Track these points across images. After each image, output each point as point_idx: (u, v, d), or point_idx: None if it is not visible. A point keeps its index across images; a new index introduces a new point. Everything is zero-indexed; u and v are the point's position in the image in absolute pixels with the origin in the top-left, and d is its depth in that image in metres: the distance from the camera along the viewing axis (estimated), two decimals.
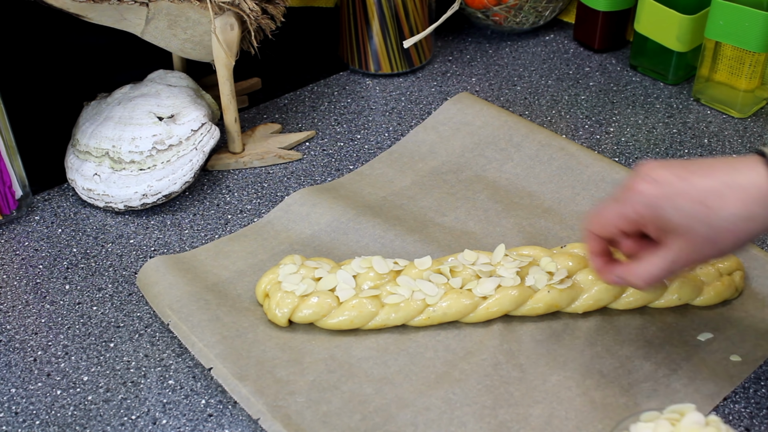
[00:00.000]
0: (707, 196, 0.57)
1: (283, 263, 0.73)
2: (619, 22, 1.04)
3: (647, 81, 1.01)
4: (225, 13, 0.82)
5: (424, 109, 0.97)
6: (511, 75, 1.03)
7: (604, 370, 0.67)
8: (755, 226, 0.56)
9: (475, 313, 0.70)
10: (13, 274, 0.77)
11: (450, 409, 0.64)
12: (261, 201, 0.85)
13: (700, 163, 0.58)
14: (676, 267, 0.60)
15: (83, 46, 1.06)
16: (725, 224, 0.56)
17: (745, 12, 0.87)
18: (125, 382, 0.68)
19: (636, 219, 0.60)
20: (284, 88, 1.01)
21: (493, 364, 0.67)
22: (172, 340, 0.71)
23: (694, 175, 0.57)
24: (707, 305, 0.72)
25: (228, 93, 0.86)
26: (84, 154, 0.83)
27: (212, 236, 0.81)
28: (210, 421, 0.65)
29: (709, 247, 0.58)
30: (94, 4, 0.77)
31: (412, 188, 0.85)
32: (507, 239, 0.78)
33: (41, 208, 0.85)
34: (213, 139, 0.84)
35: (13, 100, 0.82)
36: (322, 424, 0.63)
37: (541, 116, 0.96)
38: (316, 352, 0.69)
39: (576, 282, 0.71)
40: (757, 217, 0.56)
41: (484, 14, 1.05)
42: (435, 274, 0.71)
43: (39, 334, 0.72)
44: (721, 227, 0.57)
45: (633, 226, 0.61)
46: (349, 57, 1.02)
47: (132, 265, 0.78)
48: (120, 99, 0.85)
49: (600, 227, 0.63)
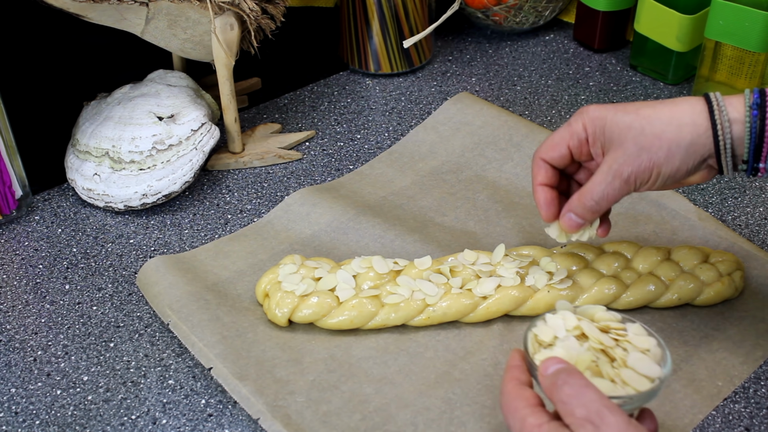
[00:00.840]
0: (641, 108, 0.61)
1: (283, 263, 0.73)
2: (619, 22, 1.04)
3: (647, 81, 1.01)
4: (225, 13, 0.82)
5: (424, 109, 0.97)
6: (511, 75, 1.03)
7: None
8: (682, 135, 0.59)
9: (475, 313, 0.70)
10: (13, 274, 0.78)
11: (450, 409, 0.64)
12: (261, 201, 0.85)
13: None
14: (617, 179, 0.62)
15: (83, 46, 1.06)
16: (655, 130, 0.60)
17: (745, 12, 0.87)
18: (125, 382, 0.68)
19: (582, 135, 0.63)
20: (284, 88, 1.01)
21: (493, 364, 0.67)
22: (172, 340, 0.71)
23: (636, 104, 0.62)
24: (707, 305, 0.72)
25: (228, 93, 0.86)
26: (84, 154, 0.83)
27: (212, 236, 0.81)
28: (210, 421, 0.65)
29: (642, 155, 0.61)
30: (94, 4, 0.77)
31: (412, 188, 0.85)
32: (507, 239, 0.78)
33: (41, 208, 0.85)
34: (213, 139, 0.84)
35: (13, 100, 0.82)
36: (322, 423, 0.63)
37: (541, 116, 0.96)
38: (316, 351, 0.69)
39: (576, 282, 0.71)
40: (684, 125, 0.59)
41: (484, 14, 1.05)
42: (435, 274, 0.71)
43: (39, 334, 0.72)
44: (651, 133, 0.60)
45: (580, 145, 0.64)
46: (349, 57, 1.02)
47: (132, 265, 0.78)
48: (120, 99, 0.85)
49: (550, 148, 0.66)
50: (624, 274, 0.72)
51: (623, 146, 0.61)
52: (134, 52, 0.98)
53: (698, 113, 0.59)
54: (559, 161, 0.66)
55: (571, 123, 0.64)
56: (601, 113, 0.62)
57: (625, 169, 0.61)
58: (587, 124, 0.63)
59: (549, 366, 0.53)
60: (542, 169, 0.66)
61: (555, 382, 0.51)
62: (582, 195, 0.64)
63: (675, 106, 0.60)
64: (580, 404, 0.49)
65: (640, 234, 0.79)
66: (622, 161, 0.61)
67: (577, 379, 0.51)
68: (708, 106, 0.59)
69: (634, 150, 0.61)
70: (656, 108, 0.61)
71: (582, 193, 0.64)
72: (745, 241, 0.77)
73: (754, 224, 0.81)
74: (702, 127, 0.59)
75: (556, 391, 0.51)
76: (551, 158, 0.65)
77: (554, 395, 0.51)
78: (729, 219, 0.81)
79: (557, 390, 0.51)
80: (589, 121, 0.63)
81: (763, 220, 0.81)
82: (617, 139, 0.61)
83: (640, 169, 0.61)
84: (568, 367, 0.52)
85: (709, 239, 0.78)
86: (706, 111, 0.59)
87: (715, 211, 0.82)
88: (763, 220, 0.81)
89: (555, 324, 0.57)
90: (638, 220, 0.80)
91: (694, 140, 0.59)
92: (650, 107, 0.61)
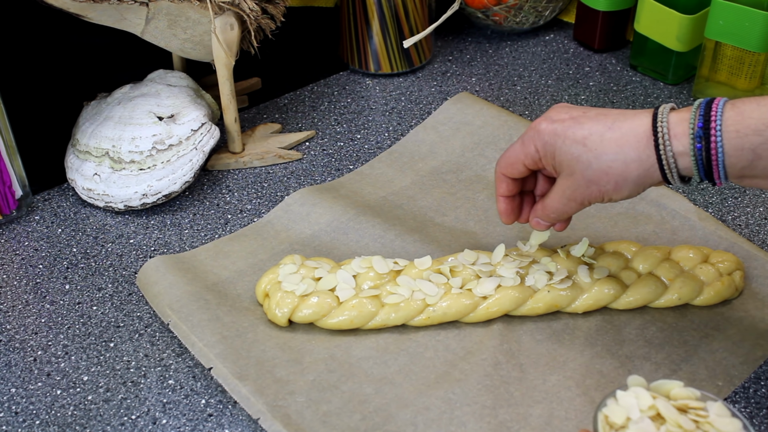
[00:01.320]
0: (588, 138, 0.60)
1: (283, 263, 0.73)
2: (619, 22, 1.04)
3: (647, 81, 1.01)
4: (225, 13, 0.82)
5: (424, 109, 0.97)
6: (511, 75, 1.03)
7: (604, 370, 0.67)
8: (629, 171, 0.59)
9: (475, 313, 0.70)
10: (13, 274, 0.78)
11: (450, 409, 0.64)
12: (261, 201, 0.85)
13: (602, 110, 0.62)
14: (572, 202, 0.63)
15: (83, 46, 1.06)
16: (602, 166, 0.60)
17: (745, 12, 0.87)
18: (125, 382, 0.68)
19: (536, 156, 0.64)
20: (284, 88, 1.01)
21: (493, 364, 0.67)
22: (172, 340, 0.71)
23: (586, 118, 0.61)
24: (707, 305, 0.72)
25: (228, 93, 0.86)
26: (84, 154, 0.83)
27: (212, 236, 0.81)
28: (210, 421, 0.65)
29: (591, 187, 0.61)
30: (94, 4, 0.77)
31: (412, 188, 0.85)
32: (507, 239, 0.78)
33: (41, 208, 0.85)
34: (213, 139, 0.84)
35: (13, 100, 0.82)
36: (322, 423, 0.63)
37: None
38: (316, 351, 0.69)
39: (576, 282, 0.71)
40: (631, 161, 0.59)
41: (484, 14, 1.05)
42: (435, 274, 0.71)
43: (39, 334, 0.72)
44: (599, 169, 0.60)
45: (534, 164, 0.65)
46: (349, 57, 1.02)
47: (132, 265, 0.78)
48: (120, 99, 0.85)
49: (507, 165, 0.67)
50: (624, 274, 0.72)
51: (573, 176, 0.62)
52: (134, 52, 0.98)
53: (644, 147, 0.59)
54: (518, 175, 0.67)
55: (525, 142, 0.64)
56: (551, 138, 0.62)
57: (578, 196, 0.63)
58: (539, 146, 0.63)
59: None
60: (503, 182, 0.68)
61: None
62: (545, 208, 0.66)
63: (621, 136, 0.59)
64: None
65: (640, 234, 0.79)
66: (574, 189, 0.62)
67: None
68: (654, 138, 0.58)
69: (583, 182, 0.61)
70: (603, 138, 0.60)
71: (545, 207, 0.66)
72: (745, 241, 0.77)
73: (754, 224, 0.81)
74: (648, 162, 0.59)
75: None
76: (510, 173, 0.67)
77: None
78: (729, 219, 0.81)
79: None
80: (540, 144, 0.63)
81: (763, 220, 0.81)
82: (567, 168, 0.62)
83: (591, 196, 0.62)
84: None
85: (709, 239, 0.78)
86: (651, 145, 0.58)
87: (715, 211, 0.82)
88: (763, 220, 0.81)
89: (627, 403, 0.54)
90: (638, 220, 0.80)
91: (641, 174, 0.59)
92: (598, 137, 0.60)
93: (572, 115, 0.62)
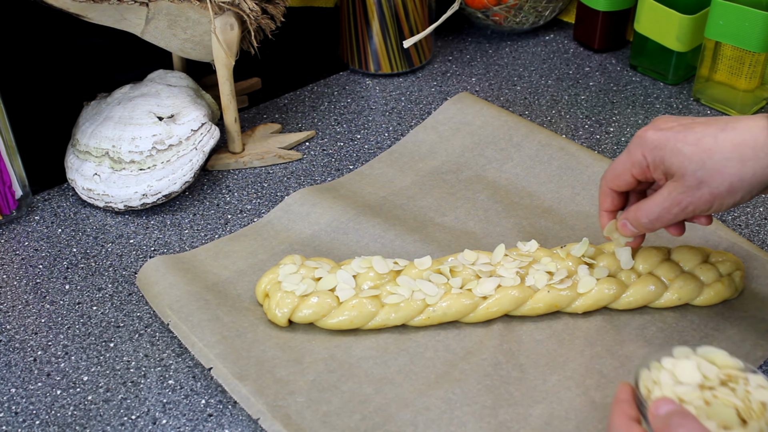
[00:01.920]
0: (701, 139, 0.59)
1: (283, 263, 0.73)
2: (619, 22, 1.04)
3: (647, 81, 1.01)
4: (225, 13, 0.82)
5: (424, 109, 0.97)
6: (511, 75, 1.03)
7: (604, 370, 0.67)
8: (745, 170, 0.58)
9: (475, 313, 0.70)
10: (13, 274, 0.78)
11: (450, 409, 0.64)
12: (261, 201, 0.85)
13: (709, 117, 0.61)
14: (675, 207, 0.61)
15: (83, 46, 1.06)
16: (716, 165, 0.58)
17: (745, 12, 0.87)
18: (125, 382, 0.68)
19: (643, 163, 0.63)
20: (284, 88, 1.01)
21: (493, 364, 0.67)
22: (172, 340, 0.71)
23: (696, 123, 0.60)
24: (707, 305, 0.72)
25: (228, 93, 0.86)
26: (84, 154, 0.83)
27: (212, 236, 0.81)
28: (210, 421, 0.65)
29: (702, 189, 0.60)
30: (94, 4, 0.77)
31: (412, 188, 0.85)
32: (507, 239, 0.78)
33: (41, 208, 0.85)
34: (213, 139, 0.84)
35: (13, 100, 0.82)
36: (322, 423, 0.63)
37: (541, 116, 0.96)
38: (316, 352, 0.69)
39: (576, 282, 0.71)
40: (747, 161, 0.58)
41: (484, 14, 1.05)
42: (435, 274, 0.71)
43: (39, 334, 0.72)
44: (712, 168, 0.59)
45: (642, 172, 0.63)
46: (349, 57, 1.02)
47: (132, 265, 0.78)
48: (120, 99, 0.85)
49: (614, 177, 0.66)
50: (624, 274, 0.72)
51: (684, 178, 0.60)
52: (134, 52, 0.98)
53: (762, 146, 0.57)
54: (625, 188, 0.66)
55: (631, 151, 0.63)
56: (660, 141, 0.61)
57: (684, 199, 0.61)
58: (646, 153, 0.62)
59: (661, 406, 0.53)
60: (608, 197, 0.67)
61: (668, 424, 0.51)
62: (638, 211, 0.64)
63: (737, 135, 0.58)
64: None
65: None
66: (683, 191, 0.60)
67: (692, 422, 0.50)
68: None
69: (693, 183, 0.60)
70: (717, 139, 0.59)
71: (639, 209, 0.64)
72: (745, 241, 0.77)
73: (754, 224, 0.81)
74: (764, 161, 0.57)
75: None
76: (617, 186, 0.66)
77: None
78: (729, 219, 0.81)
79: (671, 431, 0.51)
80: (648, 151, 0.62)
81: (763, 220, 0.81)
82: (677, 170, 0.60)
83: (700, 201, 0.60)
84: (681, 409, 0.52)
85: (709, 239, 0.78)
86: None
87: None
88: (763, 220, 0.81)
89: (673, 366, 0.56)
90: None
91: (757, 173, 0.58)
92: (711, 137, 0.59)
93: (681, 123, 0.61)
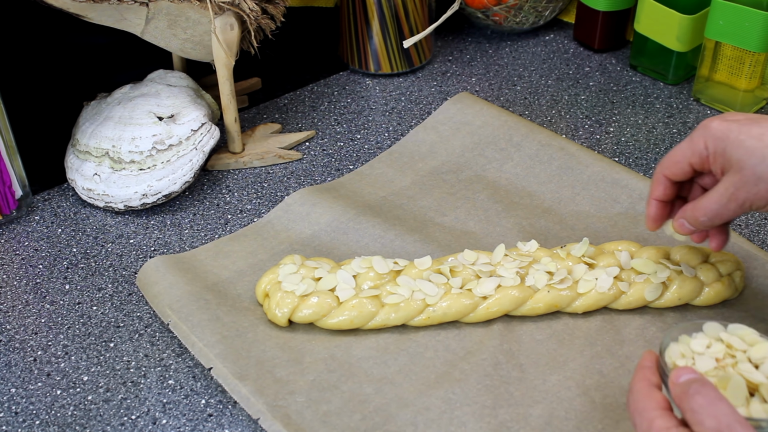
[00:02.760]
0: (766, 133, 0.59)
1: (283, 263, 0.73)
2: (619, 22, 1.04)
3: (647, 81, 1.01)
4: (225, 13, 0.82)
5: (424, 109, 0.97)
6: (511, 75, 1.03)
7: (604, 370, 0.67)
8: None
9: (475, 313, 0.70)
10: (13, 274, 0.78)
11: (450, 409, 0.64)
12: (261, 201, 0.85)
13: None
14: (732, 202, 0.61)
15: (83, 46, 1.06)
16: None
17: (745, 12, 0.87)
18: (125, 382, 0.68)
19: (704, 153, 0.62)
20: (284, 88, 1.01)
21: (493, 364, 0.67)
22: (172, 340, 0.71)
23: (764, 119, 0.60)
24: (707, 305, 0.72)
25: (228, 93, 0.86)
26: (84, 154, 0.83)
27: (212, 236, 0.81)
28: (210, 421, 0.65)
29: (760, 185, 0.59)
30: (94, 4, 0.77)
31: (412, 188, 0.85)
32: (507, 239, 0.78)
33: (41, 208, 0.85)
34: (213, 139, 0.84)
35: (13, 100, 0.82)
36: (322, 423, 0.63)
37: (541, 116, 0.96)
38: (316, 351, 0.69)
39: (576, 282, 0.71)
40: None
41: (484, 14, 1.05)
42: (435, 274, 0.71)
43: (39, 334, 0.72)
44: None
45: (702, 162, 0.63)
46: (349, 57, 1.02)
47: (132, 265, 0.78)
48: (120, 99, 0.85)
49: (672, 164, 0.65)
50: (624, 273, 0.72)
51: (742, 172, 0.60)
52: (134, 52, 0.98)
53: None
54: (681, 176, 0.65)
55: (693, 139, 0.63)
56: (724, 132, 0.61)
57: (741, 195, 0.61)
58: (708, 142, 0.62)
59: (681, 374, 0.53)
60: (661, 185, 0.66)
61: (687, 391, 0.51)
62: (696, 209, 0.64)
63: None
64: (711, 415, 0.49)
65: (640, 234, 0.79)
66: (740, 186, 0.60)
67: (710, 390, 0.51)
68: None
69: (752, 178, 0.59)
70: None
71: (696, 207, 0.64)
72: (745, 241, 0.77)
73: (754, 224, 0.81)
74: None
75: (687, 400, 0.51)
76: (673, 174, 0.65)
77: (684, 403, 0.51)
78: None
79: (688, 398, 0.51)
80: (711, 140, 0.61)
81: (763, 220, 0.81)
82: (737, 164, 0.60)
83: (757, 196, 0.60)
84: (701, 378, 0.52)
85: None
86: None
87: None
88: (763, 220, 0.81)
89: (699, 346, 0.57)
90: (638, 220, 0.80)
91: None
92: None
93: (748, 117, 0.61)
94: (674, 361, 0.57)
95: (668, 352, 0.57)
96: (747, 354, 0.57)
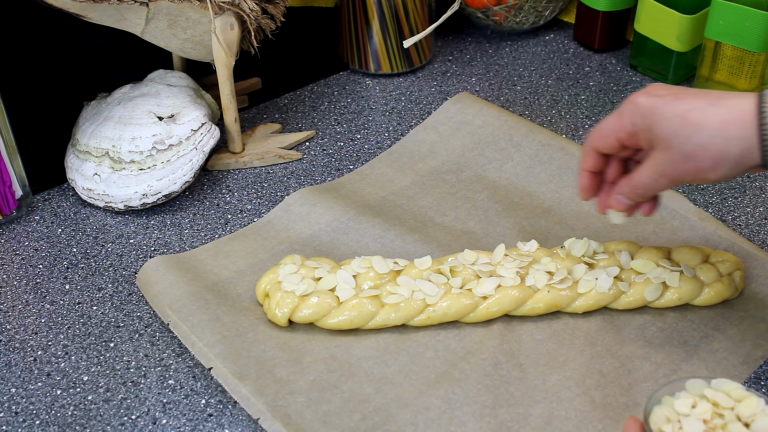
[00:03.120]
0: (690, 112, 0.59)
1: (283, 263, 0.73)
2: (619, 22, 1.04)
3: (647, 81, 1.01)
4: (225, 13, 0.82)
5: (424, 109, 0.97)
6: (511, 75, 1.03)
7: (604, 370, 0.67)
8: (731, 147, 0.58)
9: (475, 313, 0.70)
10: (13, 274, 0.78)
11: (450, 408, 0.64)
12: (261, 201, 0.85)
13: (701, 89, 0.61)
14: (663, 178, 0.62)
15: (83, 46, 1.06)
16: (702, 141, 0.58)
17: (745, 12, 0.87)
18: (125, 382, 0.68)
19: (631, 129, 0.62)
20: (284, 88, 1.01)
21: (493, 363, 0.67)
22: (172, 340, 0.71)
23: (687, 94, 0.60)
24: (707, 305, 0.72)
25: (228, 93, 0.86)
26: (84, 154, 0.83)
27: (212, 236, 0.81)
28: (210, 421, 0.65)
29: (687, 163, 0.59)
30: (94, 4, 0.77)
31: (412, 188, 0.85)
32: (507, 239, 0.78)
33: (41, 208, 0.85)
34: (213, 138, 0.84)
35: (13, 100, 0.82)
36: (322, 423, 0.63)
37: (541, 116, 0.96)
38: (316, 351, 0.69)
39: (576, 282, 0.71)
40: (733, 138, 0.57)
41: (484, 14, 1.05)
42: (435, 273, 0.71)
43: (39, 334, 0.72)
44: (698, 143, 0.58)
45: (629, 137, 0.63)
46: (349, 57, 1.02)
47: (132, 265, 0.78)
48: (120, 99, 0.85)
49: (600, 138, 0.65)
50: (624, 274, 0.72)
51: (670, 150, 0.60)
52: (134, 52, 0.98)
53: (747, 125, 0.57)
54: (609, 150, 0.66)
55: (622, 115, 0.63)
56: (650, 111, 0.60)
57: (671, 172, 0.61)
58: (636, 119, 0.62)
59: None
60: (591, 156, 0.67)
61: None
62: (630, 183, 0.65)
63: (726, 111, 0.58)
64: None
65: (640, 234, 0.79)
66: (669, 164, 0.60)
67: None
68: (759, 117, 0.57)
69: (679, 156, 0.59)
70: (707, 113, 0.58)
71: (630, 181, 0.65)
72: (745, 241, 0.77)
73: (754, 224, 0.81)
74: (749, 141, 0.57)
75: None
76: (601, 147, 0.66)
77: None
78: (729, 219, 0.81)
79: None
80: (638, 117, 0.61)
81: (763, 220, 0.81)
82: (663, 142, 0.60)
83: (686, 173, 0.60)
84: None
85: (709, 239, 0.78)
86: (756, 124, 0.57)
87: (715, 211, 0.82)
88: (763, 220, 0.81)
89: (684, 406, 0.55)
90: (638, 220, 0.80)
91: (741, 153, 0.58)
92: (701, 111, 0.58)
93: (672, 92, 0.61)
94: (660, 427, 0.55)
95: (653, 418, 0.55)
96: (735, 411, 0.55)
